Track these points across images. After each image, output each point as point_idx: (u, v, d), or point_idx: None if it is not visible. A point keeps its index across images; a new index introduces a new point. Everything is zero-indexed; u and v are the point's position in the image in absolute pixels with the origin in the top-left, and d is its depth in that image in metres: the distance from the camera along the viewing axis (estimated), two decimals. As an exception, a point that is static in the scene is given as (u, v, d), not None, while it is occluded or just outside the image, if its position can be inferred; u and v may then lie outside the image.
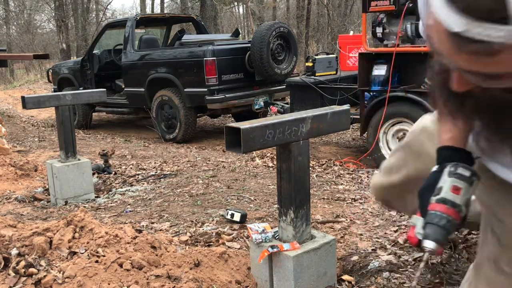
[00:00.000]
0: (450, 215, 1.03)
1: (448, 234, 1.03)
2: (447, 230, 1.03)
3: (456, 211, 1.03)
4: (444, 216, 1.03)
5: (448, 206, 1.03)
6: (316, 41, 18.52)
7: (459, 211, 1.03)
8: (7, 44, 21.52)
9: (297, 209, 1.73)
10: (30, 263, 1.85)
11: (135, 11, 31.56)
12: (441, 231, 1.03)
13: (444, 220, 1.02)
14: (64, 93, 3.41)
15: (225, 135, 1.54)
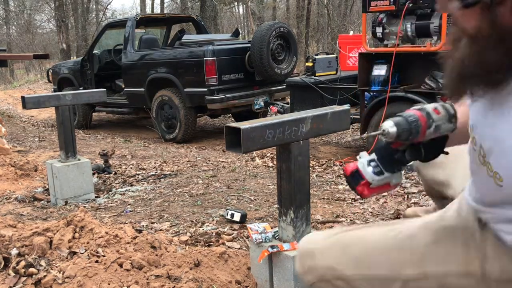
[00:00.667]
0: (420, 119, 1.03)
1: (409, 133, 1.02)
2: (410, 126, 1.01)
3: (426, 122, 1.03)
4: (416, 116, 1.03)
5: (423, 113, 1.04)
6: (316, 41, 18.53)
7: (429, 125, 1.03)
8: (7, 44, 21.52)
9: (297, 209, 1.73)
10: (30, 263, 1.85)
11: (135, 11, 31.57)
12: (406, 122, 1.02)
13: (412, 117, 1.02)
14: (64, 93, 3.41)
15: (225, 135, 1.54)
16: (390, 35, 4.44)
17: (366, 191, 1.09)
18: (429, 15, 4.20)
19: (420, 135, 1.03)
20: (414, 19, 4.27)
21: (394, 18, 4.41)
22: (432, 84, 4.06)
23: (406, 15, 4.24)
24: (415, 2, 4.11)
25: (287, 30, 6.47)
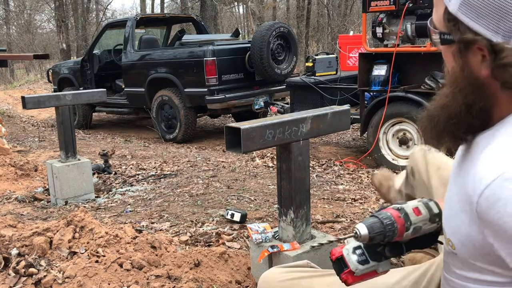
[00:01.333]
0: (396, 221, 0.98)
1: (383, 236, 0.97)
2: (384, 229, 0.97)
3: (404, 224, 0.99)
4: (392, 218, 0.98)
5: (401, 215, 0.99)
6: (316, 41, 18.52)
7: (407, 228, 0.99)
8: (7, 44, 21.52)
9: (297, 209, 1.73)
10: (30, 263, 1.85)
11: (135, 11, 31.57)
12: (379, 226, 0.97)
13: (388, 220, 0.98)
14: (64, 93, 3.41)
15: (225, 135, 1.54)
16: (390, 35, 4.44)
17: (350, 279, 1.03)
18: (429, 15, 4.19)
19: (396, 237, 0.99)
20: (414, 19, 4.27)
21: (394, 18, 4.41)
22: (432, 84, 4.06)
23: (406, 15, 4.24)
24: (415, 2, 4.11)
25: (287, 30, 6.47)
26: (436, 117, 0.86)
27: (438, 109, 0.86)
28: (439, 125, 0.86)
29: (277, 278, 1.27)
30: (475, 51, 0.79)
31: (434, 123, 0.87)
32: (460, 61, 0.81)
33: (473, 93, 0.81)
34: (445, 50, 0.85)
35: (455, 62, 0.83)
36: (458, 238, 0.85)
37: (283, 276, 1.27)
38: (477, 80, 0.80)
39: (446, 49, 0.84)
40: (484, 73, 0.79)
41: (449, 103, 0.84)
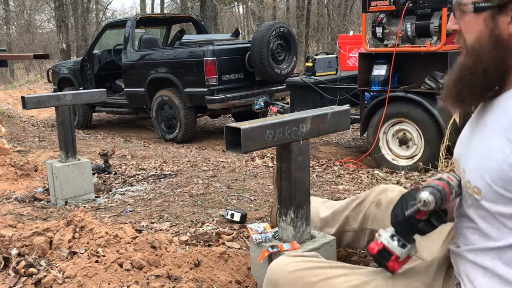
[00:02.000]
0: (444, 187, 1.10)
1: (441, 200, 1.08)
2: (441, 194, 1.08)
3: (449, 189, 1.10)
4: (440, 185, 1.10)
5: (444, 182, 1.11)
6: (316, 41, 18.53)
7: (451, 191, 1.11)
8: (7, 44, 21.52)
9: (297, 209, 1.73)
10: (30, 263, 1.85)
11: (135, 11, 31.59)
12: (437, 192, 1.08)
13: (440, 186, 1.10)
14: (64, 93, 3.41)
15: (225, 135, 1.54)
16: (390, 35, 4.44)
17: (396, 265, 1.13)
18: (429, 15, 4.20)
19: (446, 202, 1.11)
20: (414, 19, 4.27)
21: (394, 18, 4.41)
22: (432, 84, 4.06)
23: (406, 15, 4.24)
24: (415, 2, 4.11)
25: (287, 30, 6.47)
26: (463, 78, 1.02)
27: (465, 70, 1.02)
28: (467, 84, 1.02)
29: (288, 267, 1.24)
30: (508, 13, 0.96)
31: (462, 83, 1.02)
32: (492, 24, 0.98)
33: (499, 51, 0.98)
34: (473, 19, 1.01)
35: (485, 27, 0.98)
36: (490, 174, 0.98)
37: (294, 266, 1.24)
38: (503, 39, 0.98)
39: (474, 18, 1.00)
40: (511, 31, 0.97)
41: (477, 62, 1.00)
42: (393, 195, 1.60)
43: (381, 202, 1.65)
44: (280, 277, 1.23)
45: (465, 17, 1.03)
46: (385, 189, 1.67)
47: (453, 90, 1.05)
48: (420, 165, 4.05)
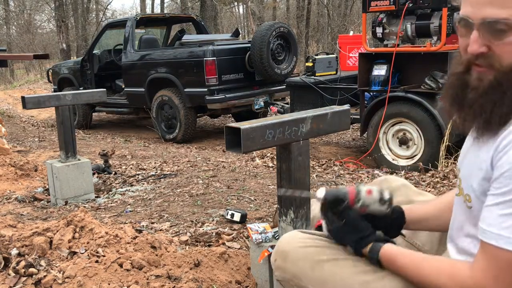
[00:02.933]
0: (349, 192, 1.23)
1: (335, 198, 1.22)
2: (337, 193, 1.22)
3: (354, 196, 1.22)
4: (346, 189, 1.24)
5: (355, 190, 1.23)
6: (316, 41, 18.53)
7: (357, 200, 1.22)
8: (7, 44, 21.52)
9: (297, 209, 1.73)
10: (30, 263, 1.85)
11: (135, 11, 31.59)
12: (336, 192, 1.23)
13: (343, 191, 1.23)
14: (64, 93, 3.41)
15: (225, 135, 1.54)
16: (390, 35, 4.44)
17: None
18: (429, 15, 4.20)
19: (348, 202, 1.22)
20: (414, 19, 4.27)
21: (394, 18, 4.41)
22: (432, 84, 4.06)
23: (406, 15, 4.24)
24: (415, 2, 4.11)
25: (287, 30, 6.47)
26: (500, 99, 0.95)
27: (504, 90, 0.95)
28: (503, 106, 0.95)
29: (300, 242, 1.23)
30: None
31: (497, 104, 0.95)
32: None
33: None
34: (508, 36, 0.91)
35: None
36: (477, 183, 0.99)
37: (306, 242, 1.23)
38: None
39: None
40: None
41: None
42: (395, 185, 1.59)
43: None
44: (291, 250, 1.22)
45: (508, 38, 0.91)
46: (386, 179, 1.67)
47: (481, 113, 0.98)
48: (420, 165, 4.05)
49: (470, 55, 0.98)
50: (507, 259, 0.90)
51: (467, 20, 0.97)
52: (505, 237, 0.90)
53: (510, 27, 0.91)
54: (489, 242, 0.92)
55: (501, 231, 0.90)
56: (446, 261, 1.06)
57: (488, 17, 0.92)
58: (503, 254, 0.90)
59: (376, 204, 1.23)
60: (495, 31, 0.92)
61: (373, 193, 1.24)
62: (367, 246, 1.15)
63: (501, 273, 0.91)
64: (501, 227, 0.90)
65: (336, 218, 1.21)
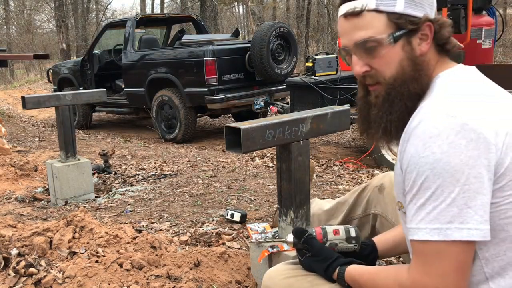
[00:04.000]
0: (316, 232, 1.29)
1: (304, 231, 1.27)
2: (307, 237, 1.26)
3: (322, 238, 1.28)
4: (314, 232, 1.28)
5: (322, 232, 1.29)
6: (316, 41, 18.53)
7: (324, 241, 1.28)
8: (7, 44, 21.53)
9: (297, 209, 1.73)
10: (30, 263, 1.85)
11: (135, 11, 31.60)
12: (303, 232, 1.27)
13: (310, 233, 1.27)
14: (64, 93, 3.41)
15: (225, 135, 1.54)
16: (390, 35, 4.43)
17: None
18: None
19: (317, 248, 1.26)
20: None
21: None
22: (432, 84, 4.06)
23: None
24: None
25: (287, 30, 6.47)
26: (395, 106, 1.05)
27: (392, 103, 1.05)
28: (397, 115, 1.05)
29: (282, 275, 1.28)
30: (417, 34, 1.02)
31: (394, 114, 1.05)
32: (409, 48, 1.02)
33: (417, 68, 1.03)
34: (391, 50, 1.03)
35: (404, 53, 1.03)
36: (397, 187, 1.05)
37: (288, 273, 1.28)
38: (416, 57, 1.03)
39: (393, 49, 1.03)
40: (424, 48, 1.03)
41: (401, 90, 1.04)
42: None
43: (383, 186, 1.64)
44: (273, 285, 1.28)
45: (379, 52, 1.03)
46: (388, 174, 1.68)
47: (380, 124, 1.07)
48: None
49: (359, 77, 1.10)
50: (431, 250, 0.91)
51: (345, 49, 1.09)
52: (422, 229, 0.91)
53: (377, 42, 1.03)
54: (413, 238, 0.94)
55: (419, 224, 0.92)
56: (395, 267, 1.08)
57: (358, 39, 1.04)
58: (427, 246, 0.91)
59: (344, 243, 1.29)
60: (367, 50, 1.04)
61: (340, 233, 1.29)
62: (335, 272, 1.18)
63: (431, 266, 0.92)
64: (418, 220, 0.92)
65: (305, 250, 1.26)
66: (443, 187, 0.89)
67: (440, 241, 0.90)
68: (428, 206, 0.91)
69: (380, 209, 1.64)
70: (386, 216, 1.61)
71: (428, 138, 0.91)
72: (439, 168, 0.89)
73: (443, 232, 0.89)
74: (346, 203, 1.77)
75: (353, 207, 1.75)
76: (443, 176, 0.88)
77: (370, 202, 1.69)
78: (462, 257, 0.90)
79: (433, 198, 0.90)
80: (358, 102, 1.16)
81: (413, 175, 0.93)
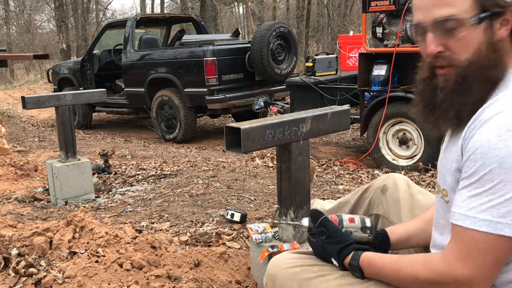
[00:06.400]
0: (331, 218, 1.28)
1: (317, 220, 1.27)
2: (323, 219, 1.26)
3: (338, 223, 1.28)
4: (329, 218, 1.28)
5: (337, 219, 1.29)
6: (316, 41, 18.53)
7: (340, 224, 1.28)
8: (7, 44, 21.53)
9: (297, 209, 1.73)
10: (30, 263, 1.85)
11: (135, 11, 31.60)
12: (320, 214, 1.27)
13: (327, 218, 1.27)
14: (64, 93, 3.41)
15: (225, 135, 1.54)
16: (390, 35, 4.44)
17: None
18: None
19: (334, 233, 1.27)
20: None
21: (394, 18, 4.41)
22: (432, 84, 4.06)
23: (406, 15, 4.24)
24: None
25: (287, 30, 6.47)
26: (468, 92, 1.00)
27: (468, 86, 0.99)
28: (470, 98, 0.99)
29: (287, 263, 1.26)
30: (500, 18, 0.97)
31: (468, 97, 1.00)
32: (490, 32, 0.97)
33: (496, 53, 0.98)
34: (472, 32, 0.97)
35: (485, 37, 0.97)
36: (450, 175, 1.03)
37: (293, 262, 1.26)
38: (496, 44, 0.98)
39: (475, 31, 0.97)
40: (503, 34, 0.98)
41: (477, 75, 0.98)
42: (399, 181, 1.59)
43: (386, 187, 1.63)
44: (278, 273, 1.26)
45: (459, 33, 0.98)
46: (391, 175, 1.67)
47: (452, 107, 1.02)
48: (420, 165, 4.05)
49: (431, 57, 1.04)
50: (475, 239, 0.91)
51: (421, 25, 1.03)
52: (471, 217, 0.91)
53: (460, 22, 0.97)
54: (457, 223, 0.94)
55: (468, 211, 0.92)
56: (421, 254, 1.07)
57: (438, 17, 0.98)
58: (471, 235, 0.91)
59: (358, 231, 1.29)
60: (447, 29, 0.98)
61: (355, 221, 1.29)
62: (349, 255, 1.17)
63: (470, 255, 0.92)
64: (468, 208, 0.92)
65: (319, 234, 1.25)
66: (506, 182, 0.87)
67: (487, 233, 0.89)
68: (484, 197, 0.90)
69: (382, 210, 1.64)
70: (388, 217, 1.61)
71: (505, 131, 0.88)
72: (509, 163, 0.87)
73: (493, 225, 0.89)
74: (348, 204, 1.77)
75: (355, 208, 1.74)
76: (511, 172, 0.87)
77: (373, 203, 1.69)
78: (503, 254, 0.90)
79: (492, 191, 0.89)
80: (419, 85, 1.10)
81: (477, 164, 0.91)
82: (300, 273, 1.22)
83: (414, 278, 1.01)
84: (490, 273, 0.92)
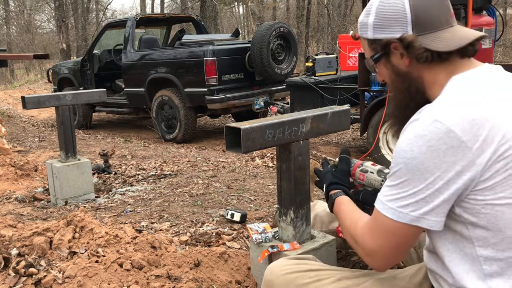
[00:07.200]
0: (356, 164, 1.50)
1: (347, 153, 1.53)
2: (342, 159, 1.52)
3: (360, 164, 1.50)
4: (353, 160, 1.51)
5: (362, 161, 1.50)
6: (316, 41, 18.53)
7: (362, 165, 1.50)
8: (7, 44, 21.53)
9: (297, 209, 1.73)
10: (30, 263, 1.85)
11: (135, 11, 31.60)
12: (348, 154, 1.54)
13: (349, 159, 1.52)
14: (64, 93, 3.41)
15: (225, 135, 1.54)
16: (390, 35, 4.43)
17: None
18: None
19: (354, 166, 1.52)
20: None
21: (394, 18, 4.40)
22: (432, 84, 4.06)
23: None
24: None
25: (287, 30, 6.47)
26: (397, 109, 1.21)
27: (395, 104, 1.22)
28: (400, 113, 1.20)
29: (283, 270, 1.30)
30: (394, 52, 1.13)
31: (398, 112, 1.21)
32: (390, 65, 1.16)
33: (405, 81, 1.15)
34: (379, 68, 1.20)
35: (387, 69, 1.18)
36: None
37: (290, 268, 1.30)
38: (404, 72, 1.15)
39: (380, 66, 1.19)
40: (406, 62, 1.13)
41: (398, 96, 1.19)
42: None
43: None
44: (275, 279, 1.31)
45: (376, 69, 1.21)
46: None
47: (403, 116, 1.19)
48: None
49: None
50: (383, 222, 1.06)
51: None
52: (383, 203, 1.06)
53: (369, 62, 1.21)
54: (375, 205, 1.10)
55: (382, 198, 1.07)
56: (363, 214, 1.23)
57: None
58: (380, 217, 1.07)
59: (375, 173, 1.46)
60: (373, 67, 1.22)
61: (376, 165, 1.49)
62: (335, 190, 1.37)
63: (377, 233, 1.08)
64: (383, 195, 1.07)
65: (333, 166, 1.50)
66: (411, 181, 1.01)
67: (391, 219, 1.04)
68: (394, 190, 1.04)
69: None
70: None
71: (413, 137, 1.01)
72: (413, 165, 1.00)
73: (396, 214, 1.03)
74: None
75: None
76: (414, 172, 1.00)
77: None
78: (403, 239, 1.06)
79: (399, 186, 1.03)
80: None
81: (393, 163, 1.06)
82: (297, 279, 1.27)
83: (348, 231, 1.21)
84: (390, 252, 1.08)
